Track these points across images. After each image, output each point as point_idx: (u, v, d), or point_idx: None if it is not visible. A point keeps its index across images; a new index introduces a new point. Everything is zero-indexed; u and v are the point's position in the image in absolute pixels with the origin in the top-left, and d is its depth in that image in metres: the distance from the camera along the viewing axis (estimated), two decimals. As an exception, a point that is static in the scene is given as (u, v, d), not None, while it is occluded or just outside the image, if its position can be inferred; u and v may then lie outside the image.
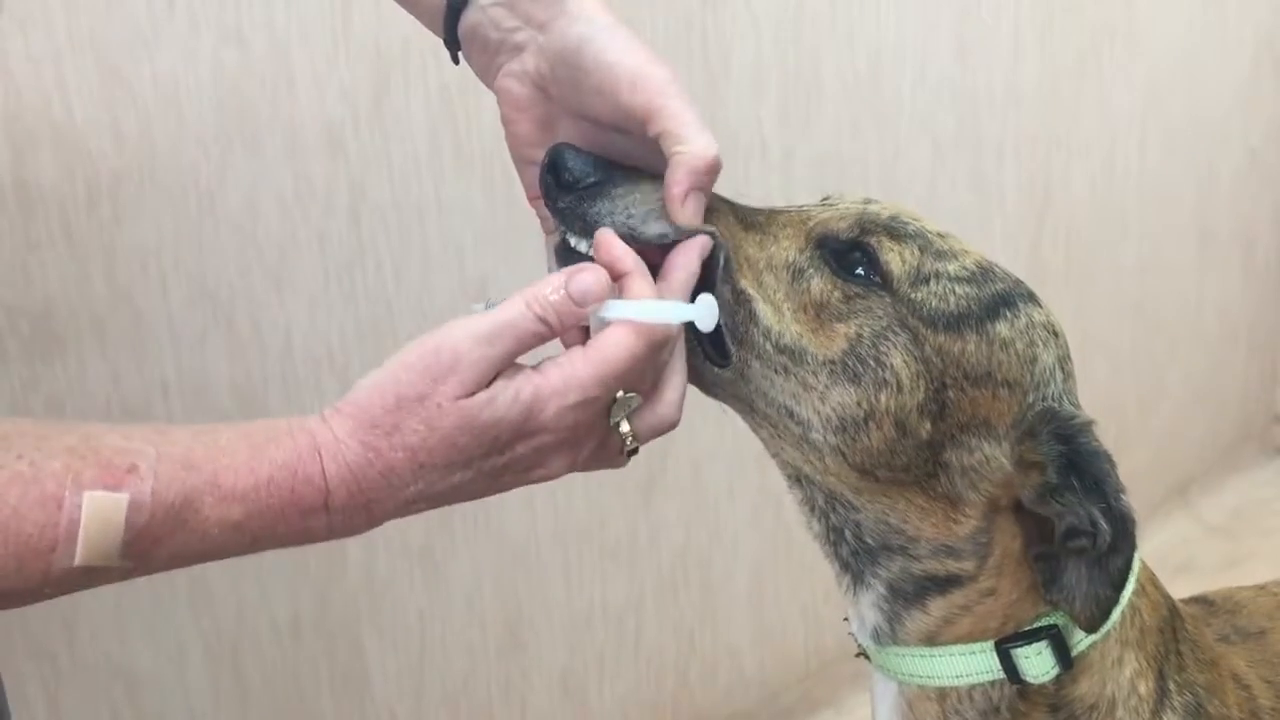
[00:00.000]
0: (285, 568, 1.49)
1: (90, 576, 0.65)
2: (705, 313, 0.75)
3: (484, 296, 1.56)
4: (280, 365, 1.44)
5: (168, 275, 1.35)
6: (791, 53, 1.76)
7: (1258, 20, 2.40)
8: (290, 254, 1.42)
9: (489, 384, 0.70)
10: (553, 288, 0.72)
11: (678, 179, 0.77)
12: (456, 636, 1.65)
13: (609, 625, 1.80)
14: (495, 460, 0.72)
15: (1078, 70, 2.13)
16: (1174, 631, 0.87)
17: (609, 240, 0.76)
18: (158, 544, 0.66)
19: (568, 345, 0.75)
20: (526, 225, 1.59)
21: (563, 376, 0.71)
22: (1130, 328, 2.32)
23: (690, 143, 0.77)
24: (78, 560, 0.64)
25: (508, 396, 0.70)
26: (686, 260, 0.77)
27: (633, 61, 0.78)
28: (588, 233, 0.79)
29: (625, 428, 0.74)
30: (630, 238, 0.78)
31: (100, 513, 0.63)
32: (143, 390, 1.36)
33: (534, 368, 0.72)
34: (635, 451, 0.76)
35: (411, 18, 1.44)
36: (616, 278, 0.74)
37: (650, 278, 0.75)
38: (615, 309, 0.73)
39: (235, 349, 1.41)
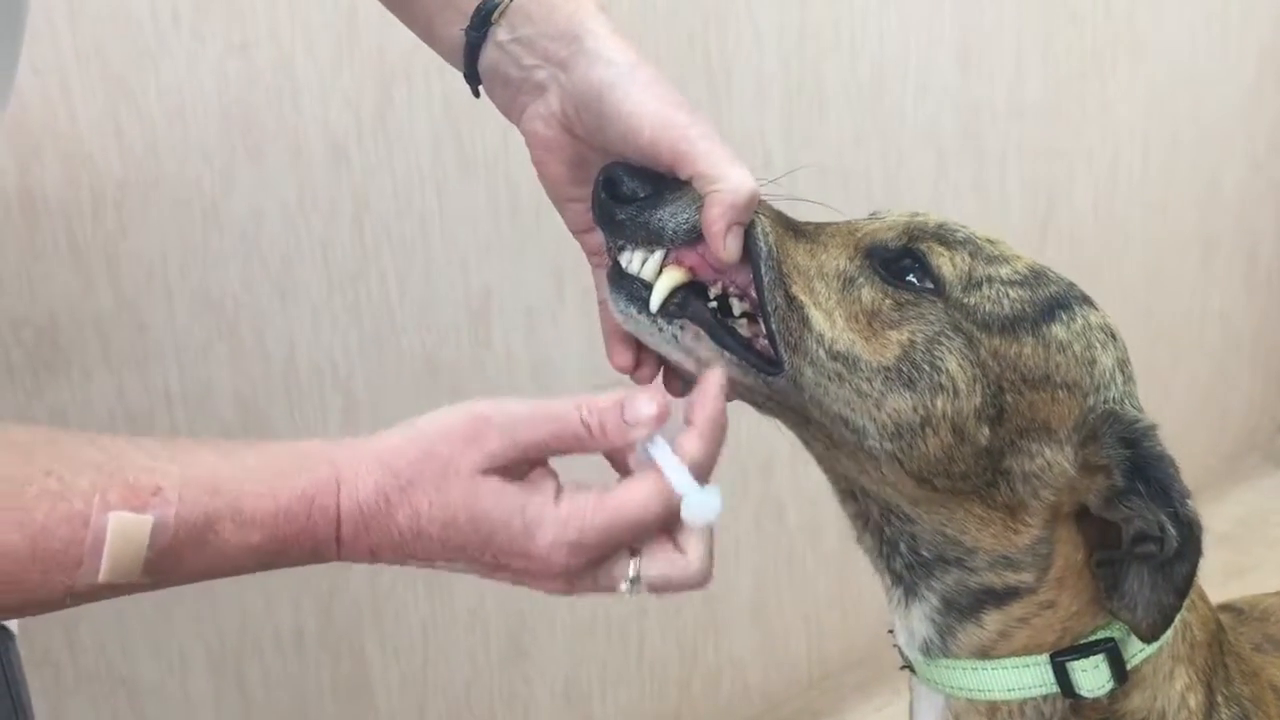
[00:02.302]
0: (289, 578, 1.49)
1: (111, 591, 0.66)
2: (710, 503, 0.71)
3: (487, 307, 1.57)
4: (284, 376, 1.44)
5: (172, 285, 1.36)
6: (794, 66, 1.76)
7: (1260, 31, 2.40)
8: (294, 264, 1.42)
9: (509, 474, 0.69)
10: (610, 399, 0.70)
11: (714, 216, 0.76)
12: (459, 646, 1.65)
13: (612, 635, 1.80)
14: (489, 561, 0.70)
15: (1080, 80, 2.13)
16: (1220, 645, 0.87)
17: (713, 383, 0.74)
18: (179, 562, 0.66)
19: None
20: (530, 236, 1.59)
21: (572, 511, 0.69)
22: (1134, 337, 2.31)
23: (723, 180, 0.76)
24: (101, 577, 0.64)
25: (516, 502, 0.68)
26: (709, 396, 0.74)
27: (652, 109, 0.78)
28: (650, 241, 0.79)
29: (633, 571, 0.71)
30: (696, 235, 0.78)
31: (125, 533, 0.64)
32: (147, 401, 1.36)
33: (556, 488, 0.70)
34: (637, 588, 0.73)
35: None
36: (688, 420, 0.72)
37: (708, 440, 0.72)
38: (656, 450, 0.70)
39: (239, 359, 1.41)
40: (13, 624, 0.95)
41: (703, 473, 0.71)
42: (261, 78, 1.36)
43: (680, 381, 0.85)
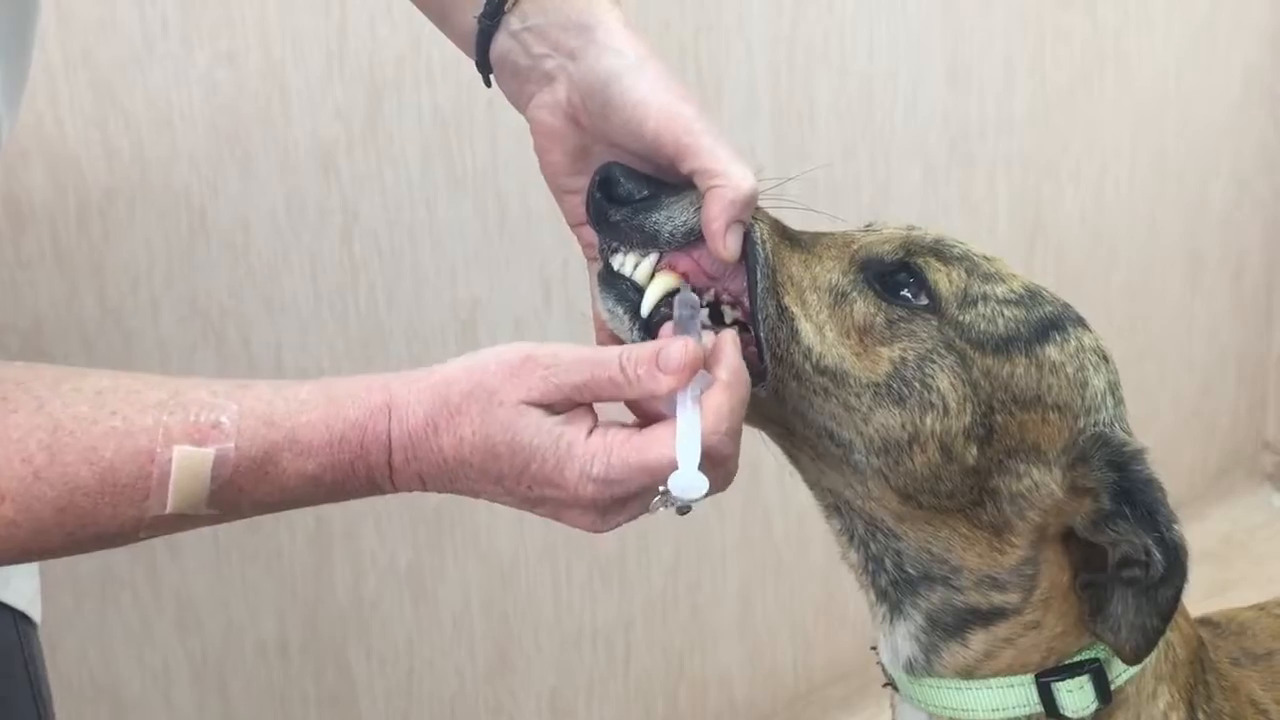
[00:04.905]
0: (272, 589, 1.49)
1: (181, 521, 0.70)
2: (698, 486, 0.71)
3: (475, 318, 1.56)
4: (270, 385, 1.43)
5: (158, 294, 1.35)
6: (784, 79, 1.77)
7: (1246, 50, 2.42)
8: (282, 274, 1.42)
9: (551, 410, 0.71)
10: (649, 347, 0.72)
11: (715, 213, 0.76)
12: (445, 657, 1.65)
13: (598, 647, 1.79)
14: (525, 492, 0.72)
15: (1069, 97, 2.14)
16: (1202, 662, 0.87)
17: (728, 342, 0.74)
18: (241, 493, 0.70)
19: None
20: (518, 248, 1.59)
21: (601, 446, 0.71)
22: (1120, 353, 2.31)
23: (725, 176, 0.76)
24: (169, 509, 0.68)
25: (554, 434, 0.71)
26: (726, 353, 0.74)
27: (659, 100, 0.78)
28: (645, 243, 0.79)
29: (661, 487, 0.73)
30: (693, 240, 0.78)
31: (188, 466, 0.68)
32: (132, 409, 1.35)
33: (592, 425, 0.72)
34: (687, 510, 0.75)
35: (406, 37, 1.45)
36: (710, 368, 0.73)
37: (734, 392, 0.72)
38: (681, 410, 0.71)
39: (225, 369, 1.40)
40: (36, 613, 0.96)
41: (734, 424, 0.72)
42: (250, 86, 1.36)
43: None
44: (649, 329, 0.79)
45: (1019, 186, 2.11)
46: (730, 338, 0.75)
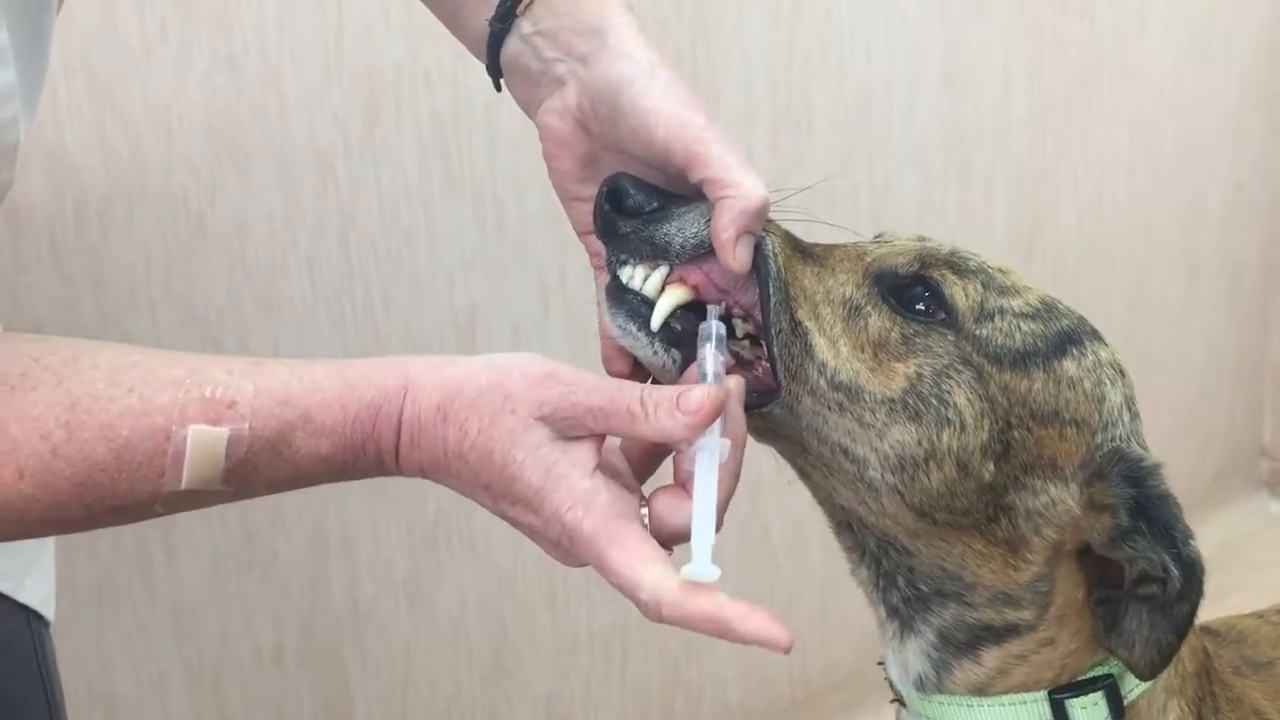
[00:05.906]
0: (269, 596, 1.48)
1: (196, 498, 0.71)
2: (710, 574, 0.71)
3: (473, 323, 1.56)
4: (267, 390, 1.43)
5: (156, 298, 1.35)
6: (782, 86, 1.77)
7: (1243, 57, 2.42)
8: (279, 278, 1.42)
9: (559, 432, 0.70)
10: (672, 388, 0.71)
11: (725, 224, 0.75)
12: (441, 663, 1.64)
13: (594, 653, 1.79)
14: (507, 508, 0.72)
15: (1066, 104, 2.15)
16: (1209, 674, 0.86)
17: (733, 399, 0.73)
18: (255, 471, 0.71)
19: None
20: (516, 253, 1.59)
21: (586, 493, 0.70)
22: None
23: (736, 187, 0.76)
24: (184, 485, 0.69)
25: (547, 460, 0.70)
26: (733, 417, 0.73)
27: (669, 107, 0.78)
28: (655, 256, 0.78)
29: None
30: (703, 252, 0.77)
31: (203, 444, 0.69)
32: (129, 413, 1.35)
33: (595, 463, 0.71)
34: None
35: (403, 43, 1.45)
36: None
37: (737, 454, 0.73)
38: (698, 464, 0.69)
39: (223, 373, 1.40)
40: (50, 612, 0.96)
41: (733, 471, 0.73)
42: (249, 91, 1.36)
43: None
44: (672, 340, 0.78)
45: (1016, 194, 2.11)
46: (735, 395, 0.73)
